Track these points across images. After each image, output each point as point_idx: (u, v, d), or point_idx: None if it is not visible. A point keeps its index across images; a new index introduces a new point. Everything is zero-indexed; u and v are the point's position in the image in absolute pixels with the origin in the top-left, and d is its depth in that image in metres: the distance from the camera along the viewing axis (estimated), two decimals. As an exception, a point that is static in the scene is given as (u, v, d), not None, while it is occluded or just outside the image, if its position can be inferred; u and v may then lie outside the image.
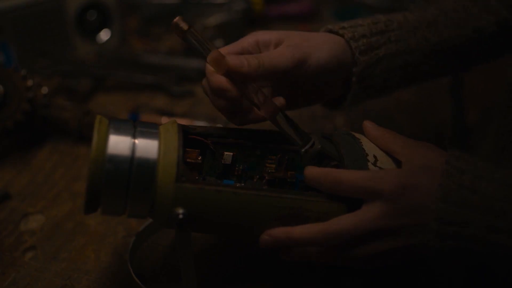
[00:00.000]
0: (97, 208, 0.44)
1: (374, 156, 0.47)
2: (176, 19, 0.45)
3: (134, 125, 0.44)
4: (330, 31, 0.53)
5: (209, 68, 0.46)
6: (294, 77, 0.48)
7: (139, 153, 0.42)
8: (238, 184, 0.47)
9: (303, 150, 0.46)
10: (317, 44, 0.49)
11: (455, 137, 0.87)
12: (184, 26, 0.45)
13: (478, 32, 0.58)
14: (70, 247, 0.56)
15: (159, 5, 1.06)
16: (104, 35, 0.95)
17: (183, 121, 0.49)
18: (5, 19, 0.82)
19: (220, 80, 0.45)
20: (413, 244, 0.42)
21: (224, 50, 0.48)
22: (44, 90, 0.71)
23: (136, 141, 0.42)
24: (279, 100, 0.47)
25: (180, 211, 0.42)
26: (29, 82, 0.67)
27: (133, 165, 0.41)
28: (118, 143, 0.41)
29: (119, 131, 0.42)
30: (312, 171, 0.44)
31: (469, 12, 0.59)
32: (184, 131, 0.46)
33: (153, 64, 0.89)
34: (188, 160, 0.45)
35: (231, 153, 0.48)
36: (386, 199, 0.41)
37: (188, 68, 0.87)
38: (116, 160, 0.41)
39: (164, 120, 0.75)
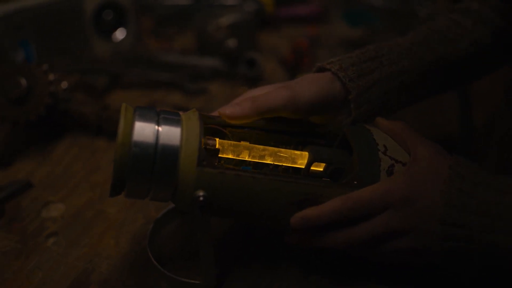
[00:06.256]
0: (121, 191, 0.46)
1: (384, 146, 0.49)
2: None
3: (157, 113, 0.46)
4: (319, 68, 0.55)
5: None
6: (289, 113, 0.50)
7: (163, 139, 0.44)
8: (255, 171, 0.49)
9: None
10: (305, 82, 0.51)
11: (462, 138, 0.89)
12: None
13: (474, 45, 0.59)
14: (91, 233, 0.58)
15: (172, 6, 1.09)
16: (120, 34, 0.97)
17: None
18: (26, 18, 0.85)
19: None
20: (419, 246, 0.46)
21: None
22: (64, 85, 0.73)
23: (160, 127, 0.44)
24: None
25: (201, 193, 0.44)
26: (51, 77, 0.69)
27: (157, 150, 0.43)
28: (144, 129, 0.43)
29: (144, 118, 0.44)
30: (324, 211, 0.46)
31: (462, 26, 0.60)
32: (203, 121, 0.48)
33: (168, 63, 0.91)
34: (207, 147, 0.47)
35: (247, 142, 0.51)
36: (395, 208, 0.45)
37: (202, 66, 0.90)
38: (142, 145, 0.43)
39: (179, 115, 0.77)
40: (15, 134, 0.71)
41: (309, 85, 0.51)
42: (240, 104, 0.48)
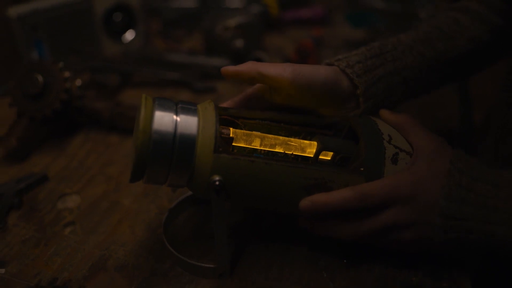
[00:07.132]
0: (141, 177, 0.48)
1: (389, 135, 0.51)
2: None
3: (175, 103, 0.49)
4: (327, 64, 0.57)
5: None
6: (291, 86, 0.51)
7: (181, 127, 0.46)
8: (267, 157, 0.51)
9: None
10: (312, 66, 0.54)
11: (462, 133, 0.91)
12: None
13: (472, 42, 0.62)
14: (106, 223, 0.60)
15: (179, 10, 1.12)
16: (129, 35, 1.00)
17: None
18: (40, 19, 0.88)
19: None
20: (422, 237, 0.49)
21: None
22: (78, 82, 0.76)
23: (178, 116, 0.47)
24: None
25: (217, 178, 0.46)
26: (66, 74, 0.71)
27: (176, 137, 0.46)
28: (163, 117, 0.46)
29: (163, 107, 0.47)
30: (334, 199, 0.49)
31: (461, 24, 0.62)
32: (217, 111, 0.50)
33: (176, 62, 0.94)
34: (222, 135, 0.50)
35: (259, 132, 0.53)
36: (400, 204, 0.48)
37: (210, 65, 0.92)
38: (162, 133, 0.45)
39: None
40: (32, 129, 0.73)
41: (314, 68, 0.53)
42: (242, 64, 0.51)
